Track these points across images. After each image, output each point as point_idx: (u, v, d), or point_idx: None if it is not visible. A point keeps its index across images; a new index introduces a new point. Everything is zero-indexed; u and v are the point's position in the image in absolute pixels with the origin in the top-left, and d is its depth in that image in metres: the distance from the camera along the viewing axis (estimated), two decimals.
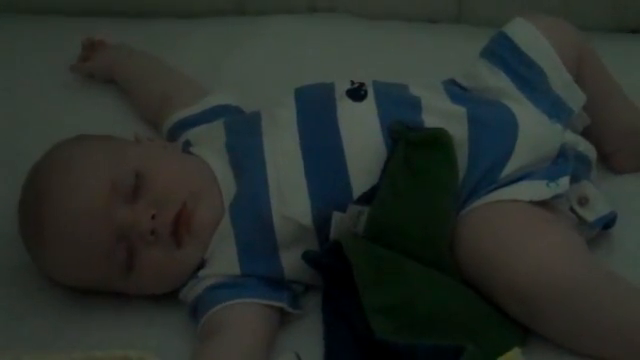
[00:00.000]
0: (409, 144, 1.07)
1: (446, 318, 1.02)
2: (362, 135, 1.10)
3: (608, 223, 1.13)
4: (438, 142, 1.07)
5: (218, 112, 1.23)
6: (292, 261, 1.08)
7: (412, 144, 1.07)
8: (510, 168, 1.10)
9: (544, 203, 1.08)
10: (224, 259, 1.09)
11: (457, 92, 1.18)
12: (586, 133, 1.20)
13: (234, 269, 1.09)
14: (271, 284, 1.09)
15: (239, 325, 1.05)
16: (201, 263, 1.10)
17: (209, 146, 1.16)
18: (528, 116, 1.14)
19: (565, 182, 1.09)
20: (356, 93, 1.14)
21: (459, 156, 1.07)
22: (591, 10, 1.45)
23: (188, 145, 1.20)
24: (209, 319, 1.06)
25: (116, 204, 1.06)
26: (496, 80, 1.17)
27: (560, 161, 1.13)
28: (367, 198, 1.06)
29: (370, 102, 1.12)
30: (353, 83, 1.15)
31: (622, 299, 1.01)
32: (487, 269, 1.04)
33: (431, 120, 1.11)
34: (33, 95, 1.40)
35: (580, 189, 1.13)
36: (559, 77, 1.16)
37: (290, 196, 1.08)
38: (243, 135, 1.15)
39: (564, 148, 1.13)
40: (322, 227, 1.07)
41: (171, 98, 1.29)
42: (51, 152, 1.13)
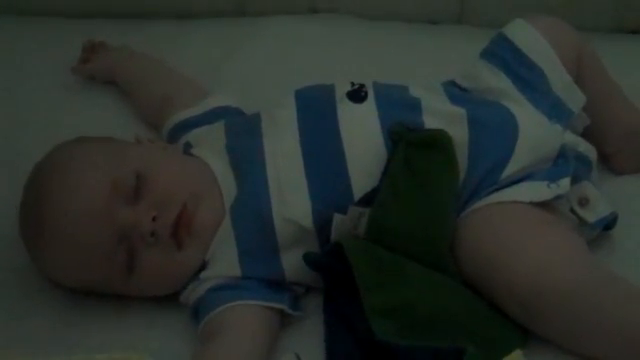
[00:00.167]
0: (409, 145, 1.07)
1: (447, 320, 1.02)
2: (362, 137, 1.10)
3: (609, 224, 1.13)
4: (438, 143, 1.07)
5: (218, 113, 1.23)
6: (293, 263, 1.08)
7: (412, 145, 1.07)
8: (510, 169, 1.10)
9: (545, 204, 1.08)
10: (225, 261, 1.09)
11: (457, 93, 1.18)
12: (586, 134, 1.20)
13: (235, 271, 1.09)
14: (272, 286, 1.09)
15: (240, 327, 1.05)
16: (202, 265, 1.10)
17: (209, 147, 1.16)
18: (528, 117, 1.14)
19: (566, 183, 1.09)
20: (356, 95, 1.13)
21: (459, 157, 1.07)
22: (592, 11, 1.45)
23: (189, 146, 1.20)
24: (210, 321, 1.06)
25: (117, 205, 1.06)
26: (497, 81, 1.17)
27: (560, 162, 1.13)
28: (368, 200, 1.06)
29: (370, 104, 1.12)
30: (353, 84, 1.15)
31: (623, 300, 1.00)
32: (487, 270, 1.04)
33: (431, 121, 1.11)
34: (34, 96, 1.39)
35: (580, 190, 1.13)
36: (559, 78, 1.16)
37: (290, 197, 1.08)
38: (243, 136, 1.15)
39: (564, 149, 1.13)
40: (323, 229, 1.07)
41: (172, 99, 1.28)
42: (52, 153, 1.13)
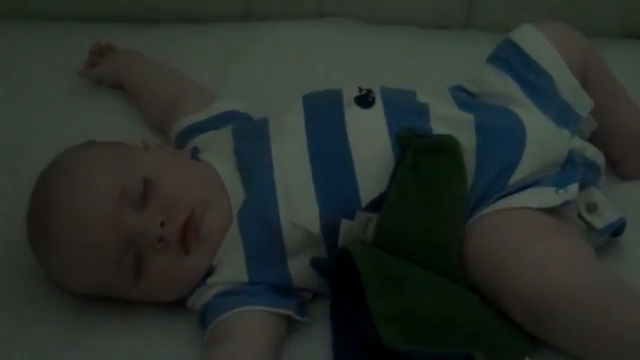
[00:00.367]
0: (417, 151, 1.07)
1: (454, 326, 1.02)
2: (370, 142, 1.09)
3: (617, 230, 1.13)
4: (446, 149, 1.07)
5: (226, 118, 1.23)
6: (300, 268, 1.08)
7: (420, 151, 1.07)
8: (518, 175, 1.10)
9: (552, 210, 1.08)
10: (232, 266, 1.09)
11: (464, 98, 1.18)
12: (594, 139, 1.19)
13: (242, 276, 1.08)
14: (279, 292, 1.09)
15: (246, 333, 1.04)
16: (209, 270, 1.10)
17: (217, 152, 1.16)
18: (536, 122, 1.14)
19: (574, 189, 1.09)
20: (364, 100, 1.13)
21: (467, 163, 1.07)
22: (599, 16, 1.45)
23: (196, 151, 1.20)
24: (217, 326, 1.06)
25: (124, 211, 1.06)
26: (504, 85, 1.17)
27: (568, 167, 1.13)
28: (375, 205, 1.06)
29: (378, 109, 1.12)
30: (361, 89, 1.15)
31: (630, 306, 1.00)
32: (494, 276, 1.03)
33: (439, 127, 1.11)
34: (40, 101, 1.39)
35: (588, 196, 1.13)
36: (566, 83, 1.16)
37: (298, 202, 1.08)
38: (251, 141, 1.15)
39: (572, 154, 1.13)
40: (330, 234, 1.07)
41: (179, 104, 1.28)
42: (59, 158, 1.13)
